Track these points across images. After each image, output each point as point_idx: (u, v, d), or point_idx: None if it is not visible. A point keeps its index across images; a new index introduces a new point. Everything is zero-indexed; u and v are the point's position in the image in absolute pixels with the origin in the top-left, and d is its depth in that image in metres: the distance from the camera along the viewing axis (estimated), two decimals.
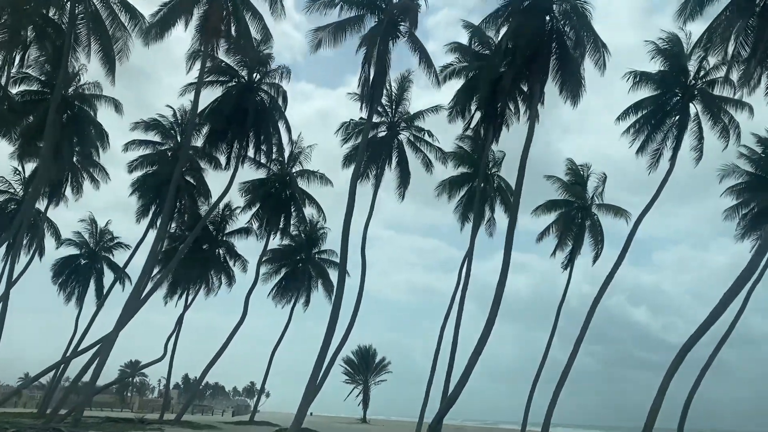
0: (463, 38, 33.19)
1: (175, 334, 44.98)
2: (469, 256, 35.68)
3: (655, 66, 31.31)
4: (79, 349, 34.62)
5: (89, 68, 38.07)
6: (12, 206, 46.39)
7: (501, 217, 40.80)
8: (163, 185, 35.94)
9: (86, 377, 31.81)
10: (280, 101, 34.41)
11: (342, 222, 28.47)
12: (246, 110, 32.56)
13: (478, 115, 33.81)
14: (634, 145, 32.02)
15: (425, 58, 28.43)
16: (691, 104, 31.31)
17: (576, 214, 40.18)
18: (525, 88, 32.42)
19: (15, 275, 42.57)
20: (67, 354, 38.37)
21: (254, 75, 34.05)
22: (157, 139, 42.14)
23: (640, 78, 31.06)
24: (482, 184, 38.80)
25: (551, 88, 28.93)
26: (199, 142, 40.74)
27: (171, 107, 41.49)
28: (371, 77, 26.11)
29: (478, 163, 39.82)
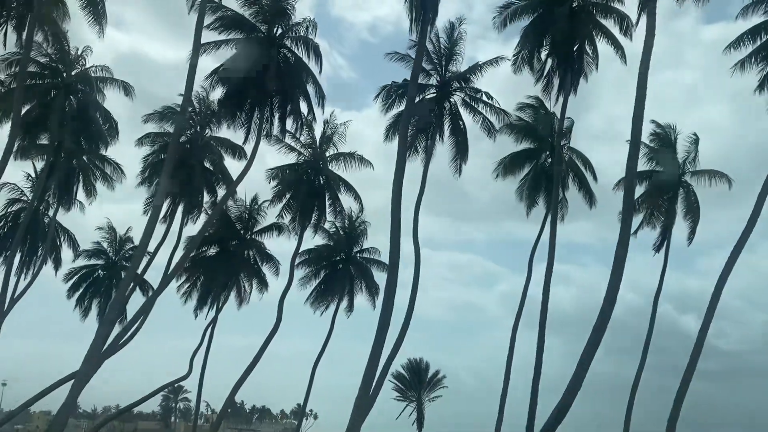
0: None
1: (204, 349, 39.80)
2: (551, 248, 29.19)
3: None
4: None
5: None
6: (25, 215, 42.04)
7: (574, 198, 34.62)
8: (176, 171, 30.91)
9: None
10: (311, 62, 28.63)
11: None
12: (266, 69, 26.90)
13: (548, 65, 27.90)
14: (751, 81, 25.46)
15: None
16: None
17: (667, 185, 33.68)
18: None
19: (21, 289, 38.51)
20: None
21: (275, 29, 28.44)
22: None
23: None
24: (549, 155, 32.82)
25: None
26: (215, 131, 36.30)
27: None
28: None
29: (543, 135, 33.88)
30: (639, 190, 34.16)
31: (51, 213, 39.57)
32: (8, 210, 41.41)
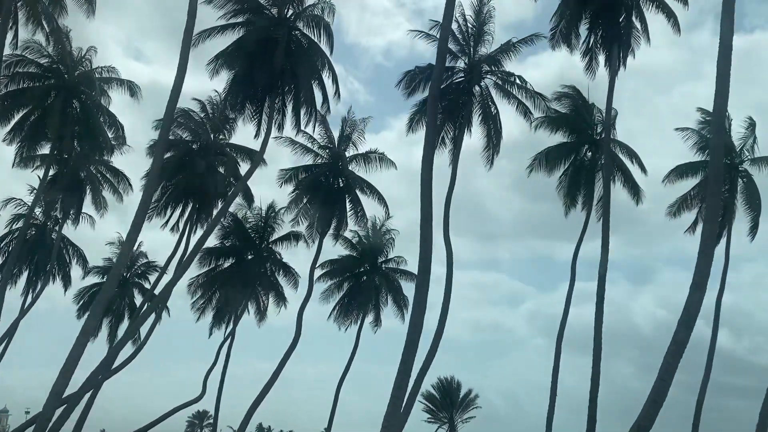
0: None
1: (221, 369, 37.05)
2: (603, 254, 25.75)
3: None
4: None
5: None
6: (32, 232, 39.88)
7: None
8: (183, 170, 28.74)
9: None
10: (323, 43, 25.98)
11: None
12: (276, 51, 24.21)
13: (591, 40, 25.12)
14: None
15: None
16: None
17: (724, 175, 30.39)
18: None
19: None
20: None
21: (285, 10, 25.91)
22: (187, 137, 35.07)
23: None
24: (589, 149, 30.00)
25: None
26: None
27: (199, 100, 34.33)
28: None
29: (582, 126, 31.00)
30: (691, 183, 31.15)
31: (59, 228, 37.52)
32: (13, 226, 39.65)
